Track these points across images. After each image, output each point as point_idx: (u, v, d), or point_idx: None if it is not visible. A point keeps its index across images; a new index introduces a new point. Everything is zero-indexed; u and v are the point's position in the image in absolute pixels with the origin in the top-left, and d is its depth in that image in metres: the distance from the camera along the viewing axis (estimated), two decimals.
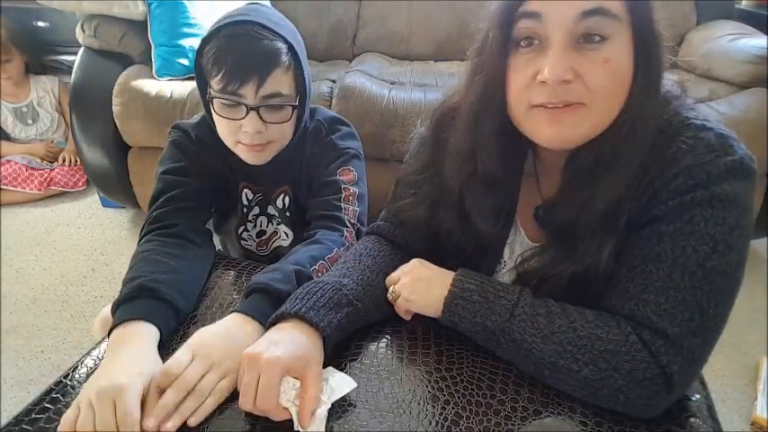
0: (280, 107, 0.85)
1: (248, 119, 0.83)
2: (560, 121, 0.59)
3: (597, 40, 0.56)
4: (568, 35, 0.56)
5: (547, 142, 0.61)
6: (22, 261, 1.94)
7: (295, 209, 1.01)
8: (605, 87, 0.57)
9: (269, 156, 0.91)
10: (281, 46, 0.82)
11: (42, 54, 2.50)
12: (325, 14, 2.25)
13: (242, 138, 0.86)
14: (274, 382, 0.56)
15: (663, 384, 0.56)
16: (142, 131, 1.81)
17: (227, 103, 0.83)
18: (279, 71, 0.82)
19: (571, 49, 0.56)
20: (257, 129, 0.84)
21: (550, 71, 0.56)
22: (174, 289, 0.72)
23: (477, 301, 0.64)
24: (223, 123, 0.86)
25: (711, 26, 2.03)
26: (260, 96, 0.82)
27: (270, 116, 0.85)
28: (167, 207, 0.85)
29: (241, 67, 0.80)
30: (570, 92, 0.57)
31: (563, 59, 0.56)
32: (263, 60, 0.81)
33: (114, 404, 0.55)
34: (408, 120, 1.68)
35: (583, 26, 0.56)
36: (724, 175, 0.56)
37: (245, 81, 0.81)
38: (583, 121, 0.59)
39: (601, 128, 0.60)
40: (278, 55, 0.82)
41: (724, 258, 0.56)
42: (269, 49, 0.81)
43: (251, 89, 0.82)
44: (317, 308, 0.64)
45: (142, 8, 1.83)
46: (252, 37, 0.80)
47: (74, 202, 2.36)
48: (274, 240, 1.05)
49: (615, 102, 0.59)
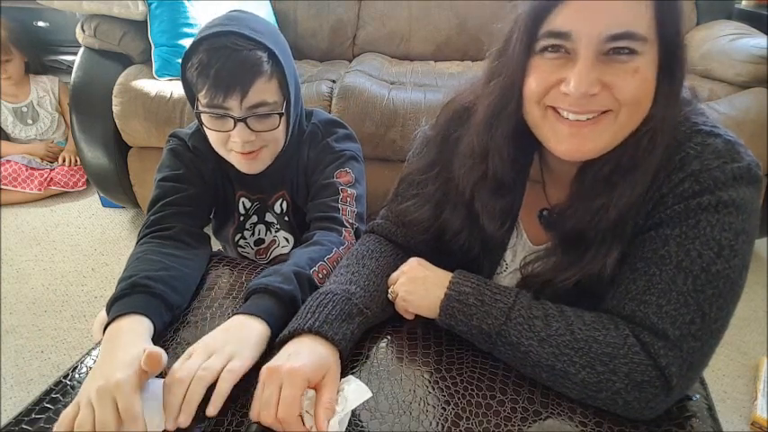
0: (267, 115, 0.86)
1: (237, 130, 0.84)
2: (582, 134, 0.58)
3: (626, 52, 0.55)
4: (597, 51, 0.55)
5: (563, 154, 0.61)
6: (22, 261, 1.94)
7: (294, 213, 1.01)
8: (635, 96, 0.56)
9: (263, 164, 0.91)
10: (261, 55, 0.82)
11: (42, 54, 2.50)
12: (325, 14, 2.25)
13: (234, 146, 0.87)
14: (297, 393, 0.55)
15: (661, 387, 0.56)
16: (142, 131, 1.81)
17: (214, 116, 0.84)
18: (261, 81, 0.82)
19: (599, 62, 0.55)
20: (246, 139, 0.84)
21: (576, 86, 0.55)
22: (166, 284, 0.72)
23: (473, 304, 0.64)
24: (213, 135, 0.87)
25: (711, 26, 2.03)
26: (245, 107, 0.83)
27: (258, 125, 0.85)
28: (165, 211, 0.86)
29: (223, 81, 0.80)
30: (595, 102, 0.57)
31: (590, 72, 0.55)
32: (244, 72, 0.81)
33: (114, 402, 0.55)
34: (408, 120, 1.68)
35: (611, 45, 0.55)
36: (731, 182, 0.56)
37: (229, 94, 0.81)
38: (604, 132, 0.58)
39: (621, 138, 0.59)
40: (258, 65, 0.82)
41: (728, 263, 0.56)
42: (249, 60, 0.81)
43: (235, 101, 0.82)
44: (330, 321, 0.63)
45: (142, 8, 1.83)
46: (231, 49, 0.80)
47: (74, 202, 2.36)
48: (273, 249, 1.06)
49: (640, 111, 0.58)
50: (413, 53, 2.29)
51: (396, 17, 2.26)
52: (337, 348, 0.62)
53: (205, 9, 1.88)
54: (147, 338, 0.66)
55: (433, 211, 0.75)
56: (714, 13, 2.11)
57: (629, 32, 0.54)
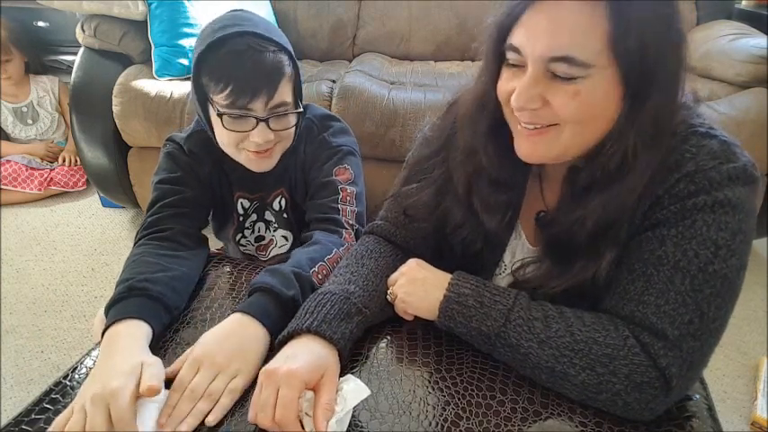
0: (285, 115, 0.87)
1: (258, 130, 0.84)
2: (533, 141, 0.62)
3: (567, 77, 0.56)
4: (542, 68, 0.57)
5: (522, 156, 0.64)
6: (22, 261, 1.94)
7: (292, 210, 1.01)
8: (574, 116, 0.58)
9: (274, 162, 0.92)
10: (282, 57, 0.83)
11: (42, 54, 2.50)
12: (325, 14, 2.25)
13: (248, 146, 0.87)
14: (294, 395, 0.56)
15: (661, 387, 0.56)
16: (142, 131, 1.81)
17: (235, 117, 0.84)
18: (284, 82, 0.84)
19: (544, 78, 0.58)
20: (267, 138, 0.85)
21: (515, 98, 0.59)
22: (164, 286, 0.72)
23: (472, 306, 0.64)
24: (229, 135, 0.86)
25: (711, 26, 2.03)
26: (269, 108, 0.84)
27: (277, 125, 0.86)
28: (162, 213, 0.86)
29: (250, 83, 0.81)
30: (538, 116, 0.60)
31: (531, 88, 0.58)
32: (271, 74, 0.82)
33: (107, 409, 0.55)
34: (408, 120, 1.68)
35: (553, 66, 0.56)
36: (726, 182, 0.56)
37: (256, 96, 0.82)
38: (554, 142, 0.60)
39: (579, 149, 0.61)
40: (282, 66, 0.83)
41: (725, 263, 0.56)
42: (275, 62, 0.82)
43: (260, 103, 0.83)
44: (329, 320, 0.63)
45: (142, 8, 1.83)
46: (257, 51, 0.81)
47: (74, 202, 2.36)
48: (272, 249, 1.06)
49: (591, 130, 0.59)
50: (413, 53, 2.29)
51: (396, 17, 2.26)
52: (336, 347, 0.62)
53: (205, 9, 1.88)
54: (145, 344, 0.66)
55: (434, 196, 0.75)
56: (714, 13, 2.11)
57: (567, 57, 0.55)
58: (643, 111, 0.57)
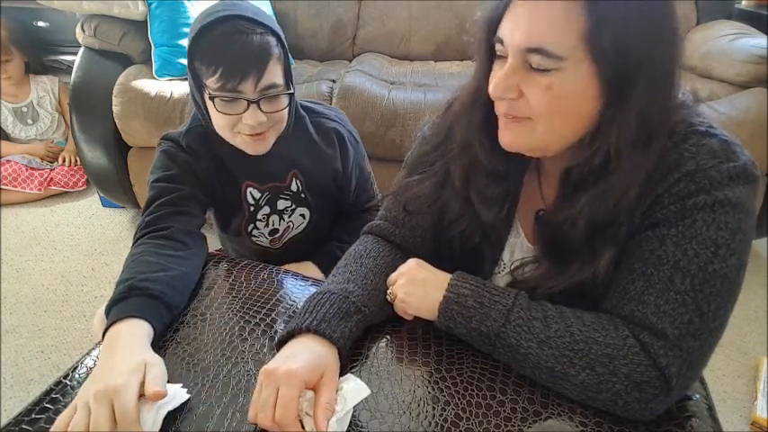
0: (276, 97, 0.88)
1: (249, 112, 0.86)
2: (511, 129, 0.63)
3: (541, 69, 0.57)
4: (520, 59, 0.58)
5: (505, 146, 0.65)
6: (22, 261, 1.94)
7: (308, 189, 1.03)
8: (546, 110, 0.59)
9: (268, 145, 0.93)
10: (270, 39, 0.85)
11: (42, 54, 2.50)
12: (325, 14, 2.25)
13: (242, 129, 0.88)
14: (294, 394, 0.55)
15: (661, 387, 0.56)
16: (142, 131, 1.82)
17: (226, 99, 0.85)
18: (272, 63, 0.85)
19: (522, 68, 0.59)
20: (259, 120, 0.86)
21: (494, 88, 0.61)
22: (165, 285, 0.72)
23: (472, 307, 0.64)
24: (223, 118, 0.88)
25: (711, 26, 2.03)
26: (258, 90, 0.85)
27: (268, 107, 0.88)
28: (160, 212, 0.86)
29: (239, 64, 0.82)
30: (514, 107, 0.61)
31: (508, 79, 0.59)
32: (259, 55, 0.84)
33: (111, 406, 0.55)
34: (408, 120, 1.68)
35: (529, 57, 0.57)
36: (726, 181, 0.56)
37: (245, 77, 0.83)
38: (531, 134, 0.61)
39: (558, 143, 0.62)
40: (270, 47, 0.85)
41: (725, 262, 0.56)
42: (262, 44, 0.84)
43: (250, 84, 0.84)
44: (328, 319, 0.63)
45: (142, 8, 1.83)
46: (243, 33, 0.82)
47: (74, 202, 2.36)
48: (287, 235, 1.08)
49: (563, 125, 0.60)
50: (413, 53, 2.29)
51: (396, 17, 2.26)
52: (336, 346, 0.62)
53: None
54: (147, 342, 0.65)
55: (435, 187, 0.75)
56: (714, 13, 2.11)
57: (541, 48, 0.56)
58: (625, 109, 0.57)
